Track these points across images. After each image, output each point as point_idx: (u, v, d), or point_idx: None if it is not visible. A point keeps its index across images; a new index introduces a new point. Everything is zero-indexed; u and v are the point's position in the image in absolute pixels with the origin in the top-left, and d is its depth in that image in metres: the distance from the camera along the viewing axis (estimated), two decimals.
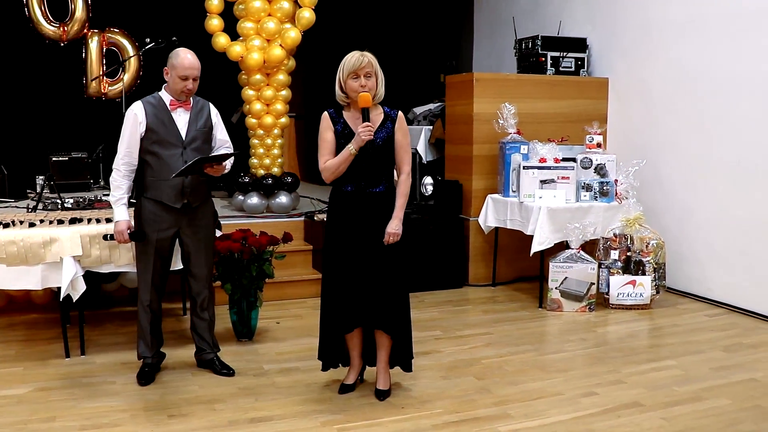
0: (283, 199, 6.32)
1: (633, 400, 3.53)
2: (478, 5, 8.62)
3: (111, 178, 3.63)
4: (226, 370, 3.85)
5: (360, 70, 3.31)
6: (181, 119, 3.65)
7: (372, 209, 3.39)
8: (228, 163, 3.74)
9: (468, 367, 4.01)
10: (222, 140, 3.83)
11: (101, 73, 7.57)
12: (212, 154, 3.71)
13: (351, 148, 3.31)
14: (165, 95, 3.65)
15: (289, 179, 6.42)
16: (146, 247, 3.68)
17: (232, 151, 3.83)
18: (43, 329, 4.62)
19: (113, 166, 3.63)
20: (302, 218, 6.08)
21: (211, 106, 3.81)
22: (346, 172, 3.37)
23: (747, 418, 3.32)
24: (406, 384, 3.70)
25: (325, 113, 3.45)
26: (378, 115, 3.42)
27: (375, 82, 3.35)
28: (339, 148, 3.38)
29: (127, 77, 7.59)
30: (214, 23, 6.12)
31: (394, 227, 3.37)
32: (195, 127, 3.67)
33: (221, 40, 6.06)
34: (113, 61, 7.70)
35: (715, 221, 5.38)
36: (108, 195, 5.08)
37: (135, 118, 3.57)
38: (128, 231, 3.64)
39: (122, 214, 3.63)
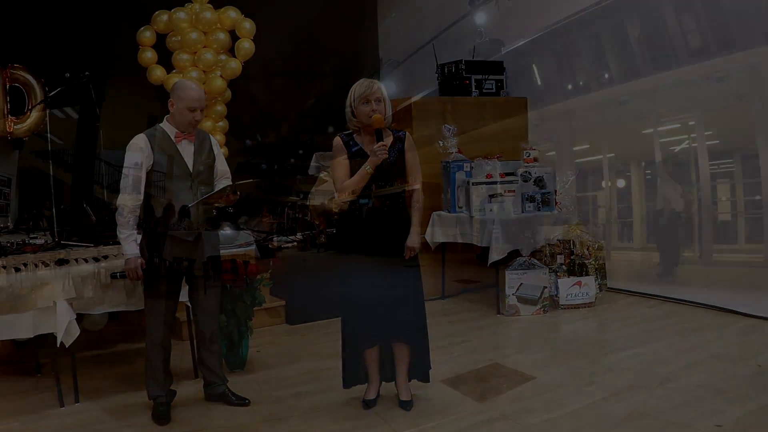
0: (227, 230, 6.25)
1: (628, 383, 3.89)
2: (383, 32, 8.96)
3: (117, 214, 3.52)
4: (240, 401, 3.80)
5: (370, 96, 3.50)
6: (186, 151, 3.62)
7: (388, 225, 3.55)
8: None
9: (468, 372, 4.22)
10: (223, 171, 3.84)
11: (6, 112, 7.10)
12: (220, 186, 3.72)
13: (367, 168, 3.47)
14: (168, 127, 3.60)
15: (231, 210, 6.35)
16: (157, 282, 3.59)
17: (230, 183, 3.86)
18: (13, 381, 4.29)
19: (119, 202, 3.52)
20: (252, 247, 6.04)
21: (212, 137, 3.81)
22: (362, 191, 3.51)
23: (730, 386, 3.77)
24: (421, 395, 3.84)
25: (338, 138, 3.59)
26: (388, 137, 3.60)
27: (384, 106, 3.54)
28: (353, 169, 3.52)
29: (35, 114, 7.16)
30: (148, 56, 5.99)
31: (414, 241, 3.55)
32: (200, 159, 3.66)
33: (157, 73, 5.94)
34: (18, 99, 7.24)
35: (634, 219, 6.01)
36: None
37: (141, 152, 3.50)
38: (141, 267, 3.54)
39: (133, 250, 3.52)
